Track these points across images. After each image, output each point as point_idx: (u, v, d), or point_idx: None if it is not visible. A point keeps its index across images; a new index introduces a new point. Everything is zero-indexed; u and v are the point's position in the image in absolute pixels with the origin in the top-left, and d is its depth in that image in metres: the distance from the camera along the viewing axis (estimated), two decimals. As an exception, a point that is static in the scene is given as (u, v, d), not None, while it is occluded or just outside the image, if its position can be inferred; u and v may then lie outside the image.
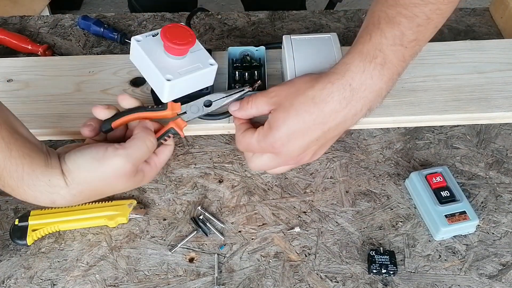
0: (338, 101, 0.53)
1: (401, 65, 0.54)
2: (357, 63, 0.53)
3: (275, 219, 0.63)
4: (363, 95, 0.53)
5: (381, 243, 0.61)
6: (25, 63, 0.76)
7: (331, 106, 0.54)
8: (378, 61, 0.53)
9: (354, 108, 0.54)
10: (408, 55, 0.54)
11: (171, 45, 0.59)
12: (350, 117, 0.55)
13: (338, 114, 0.54)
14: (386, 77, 0.54)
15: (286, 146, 0.56)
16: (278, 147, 0.56)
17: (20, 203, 0.64)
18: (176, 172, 0.67)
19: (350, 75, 0.53)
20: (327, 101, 0.54)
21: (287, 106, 0.55)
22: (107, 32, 0.83)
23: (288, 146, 0.56)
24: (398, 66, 0.54)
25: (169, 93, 0.61)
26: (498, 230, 0.62)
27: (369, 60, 0.53)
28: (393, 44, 0.52)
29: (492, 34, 0.85)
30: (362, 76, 0.53)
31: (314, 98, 0.54)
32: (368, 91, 0.53)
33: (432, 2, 0.51)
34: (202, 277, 0.58)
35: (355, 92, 0.53)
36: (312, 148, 0.58)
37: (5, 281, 0.58)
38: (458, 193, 0.61)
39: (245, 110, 0.60)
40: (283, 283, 0.58)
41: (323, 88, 0.54)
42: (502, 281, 0.57)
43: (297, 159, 0.59)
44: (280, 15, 0.89)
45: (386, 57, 0.53)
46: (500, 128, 0.71)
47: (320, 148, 0.59)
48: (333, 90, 0.53)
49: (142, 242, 0.61)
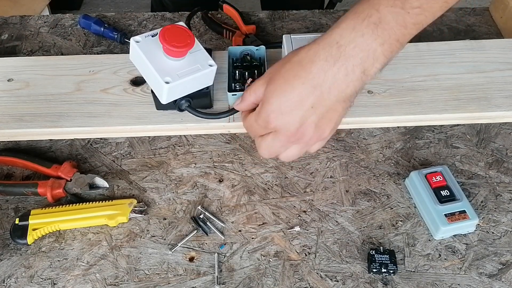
0: (325, 59, 0.51)
1: (401, 30, 0.50)
2: (348, 21, 0.50)
3: (275, 219, 0.63)
4: (353, 53, 0.50)
5: (381, 242, 0.61)
6: (25, 63, 0.76)
7: (318, 65, 0.51)
8: (372, 20, 0.49)
9: (343, 67, 0.50)
10: (410, 22, 0.50)
11: (170, 48, 0.59)
12: (342, 77, 0.51)
13: (326, 73, 0.51)
14: (381, 39, 0.50)
15: (280, 118, 0.53)
16: (273, 121, 0.54)
17: (20, 202, 0.64)
18: (176, 172, 0.67)
19: (338, 32, 0.51)
20: (313, 60, 0.51)
21: (276, 77, 0.54)
22: (107, 31, 0.83)
23: (283, 118, 0.53)
24: (397, 30, 0.50)
25: (168, 95, 0.62)
26: (498, 229, 0.62)
27: (362, 18, 0.50)
28: (392, 6, 0.49)
29: (492, 33, 0.85)
30: (351, 33, 0.50)
31: (301, 61, 0.52)
32: (358, 49, 0.50)
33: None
34: (202, 276, 0.58)
35: (343, 49, 0.50)
36: (311, 119, 0.54)
37: (5, 280, 0.58)
38: (458, 192, 0.61)
39: (246, 100, 0.58)
40: (283, 282, 0.58)
41: (309, 49, 0.52)
42: (502, 280, 0.57)
43: (298, 135, 0.55)
44: (280, 15, 0.89)
45: (382, 17, 0.49)
46: (500, 127, 0.71)
47: (320, 119, 0.54)
48: (318, 49, 0.51)
49: (142, 241, 0.61)
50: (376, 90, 0.71)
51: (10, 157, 0.67)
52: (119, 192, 0.65)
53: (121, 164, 0.68)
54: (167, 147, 0.70)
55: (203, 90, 0.66)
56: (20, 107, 0.70)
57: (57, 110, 0.69)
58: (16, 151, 0.69)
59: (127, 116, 0.69)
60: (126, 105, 0.70)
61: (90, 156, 0.69)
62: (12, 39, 0.85)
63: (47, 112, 0.69)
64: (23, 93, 0.71)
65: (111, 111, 0.69)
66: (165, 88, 0.60)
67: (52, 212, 0.61)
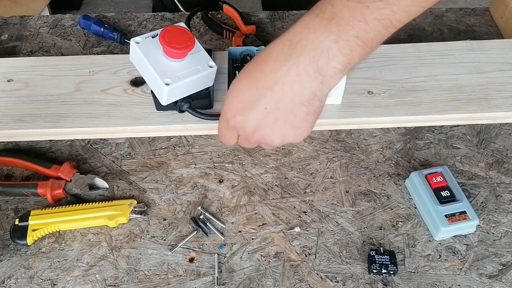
0: (275, 58, 0.49)
1: (361, 26, 0.46)
2: (303, 18, 0.49)
3: (275, 219, 0.63)
4: (304, 51, 0.48)
5: (381, 243, 0.61)
6: (25, 63, 0.76)
7: (270, 64, 0.49)
8: (326, 15, 0.47)
9: (294, 66, 0.48)
10: (371, 17, 0.46)
11: (170, 49, 0.59)
12: (293, 78, 0.48)
13: (278, 72, 0.49)
14: (335, 35, 0.47)
15: (236, 117, 0.52)
16: (231, 120, 0.53)
17: (20, 203, 0.64)
18: (176, 172, 0.67)
19: (291, 31, 0.49)
20: (266, 61, 0.50)
21: (237, 77, 0.53)
22: (107, 32, 0.83)
23: (238, 118, 0.52)
24: (355, 26, 0.46)
25: (168, 96, 0.61)
26: (498, 230, 0.62)
27: (315, 14, 0.48)
28: (348, 0, 0.46)
29: (492, 34, 0.85)
30: (303, 30, 0.48)
31: (257, 60, 0.51)
32: (310, 47, 0.47)
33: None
34: (202, 277, 0.58)
35: (293, 47, 0.48)
36: (266, 122, 0.52)
37: (5, 281, 0.58)
38: (458, 193, 0.61)
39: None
40: (283, 283, 0.58)
41: (266, 49, 0.51)
42: (502, 281, 0.57)
43: (256, 137, 0.54)
44: (280, 15, 0.89)
45: (336, 12, 0.47)
46: (500, 128, 0.71)
47: (275, 123, 0.52)
48: (272, 48, 0.50)
49: (142, 242, 0.61)
50: (376, 91, 0.71)
51: (10, 157, 0.67)
52: (119, 192, 0.65)
53: (121, 164, 0.68)
54: (167, 147, 0.70)
55: (203, 91, 0.66)
56: (20, 107, 0.69)
57: (57, 110, 0.69)
58: (16, 152, 0.69)
59: (127, 116, 0.69)
60: (126, 106, 0.70)
61: (90, 156, 0.69)
62: (12, 39, 0.85)
63: (47, 113, 0.69)
64: (23, 94, 0.71)
65: (111, 111, 0.69)
66: (165, 89, 0.60)
67: (52, 213, 0.61)
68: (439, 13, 0.88)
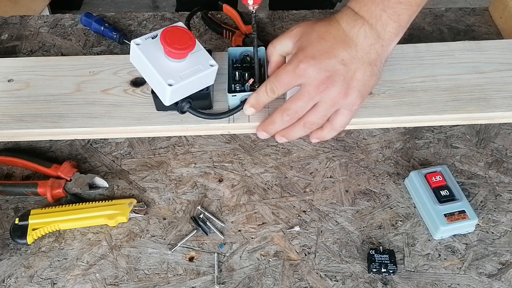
0: (346, 22, 0.59)
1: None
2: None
3: (275, 218, 0.63)
4: (365, 20, 0.58)
5: (380, 242, 0.61)
6: (26, 63, 0.76)
7: (343, 25, 0.59)
8: None
9: (362, 29, 0.58)
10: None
11: (171, 50, 0.59)
12: (363, 39, 0.58)
13: (350, 33, 0.58)
14: (382, 5, 0.57)
15: (312, 64, 0.58)
16: (305, 66, 0.58)
17: (20, 202, 0.64)
18: (176, 171, 0.67)
19: (352, 4, 0.59)
20: (339, 22, 0.59)
21: (308, 30, 0.61)
22: (107, 31, 0.83)
23: (315, 64, 0.58)
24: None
25: (171, 97, 0.62)
26: (498, 229, 0.62)
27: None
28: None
29: (491, 34, 0.85)
30: (357, 4, 0.58)
31: (329, 21, 0.60)
32: (368, 17, 0.58)
33: None
34: (202, 276, 0.58)
35: (358, 17, 0.58)
36: (341, 72, 0.58)
37: (5, 280, 0.58)
38: (457, 192, 0.61)
39: (272, 55, 0.66)
40: (283, 282, 0.58)
41: (331, 17, 0.61)
42: (501, 280, 0.57)
43: (327, 83, 0.59)
44: (280, 15, 0.89)
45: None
46: (500, 127, 0.72)
47: (348, 72, 0.59)
48: (339, 17, 0.60)
49: (142, 241, 0.61)
50: (375, 91, 0.71)
51: (10, 157, 0.67)
52: (119, 192, 0.65)
53: (121, 164, 0.68)
54: (167, 147, 0.70)
55: (203, 92, 0.66)
56: (20, 107, 0.70)
57: (57, 110, 0.69)
58: (16, 151, 0.69)
59: (127, 116, 0.69)
60: (126, 106, 0.70)
61: (90, 156, 0.69)
62: (12, 39, 0.85)
63: (47, 113, 0.69)
64: (23, 94, 0.71)
65: (111, 111, 0.69)
66: (168, 90, 0.60)
67: (52, 212, 0.61)
68: (439, 13, 0.88)
